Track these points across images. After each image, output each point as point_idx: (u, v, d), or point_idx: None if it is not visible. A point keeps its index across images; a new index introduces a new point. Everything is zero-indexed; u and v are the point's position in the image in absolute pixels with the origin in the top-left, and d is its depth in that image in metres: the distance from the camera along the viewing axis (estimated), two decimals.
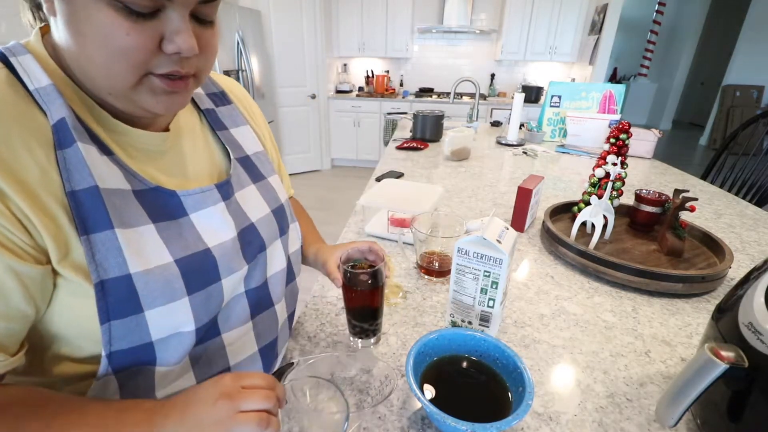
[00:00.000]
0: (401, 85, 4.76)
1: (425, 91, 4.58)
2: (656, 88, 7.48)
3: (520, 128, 2.08)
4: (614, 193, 0.95)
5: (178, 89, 0.39)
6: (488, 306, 0.57)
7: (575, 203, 1.01)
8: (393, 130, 4.10)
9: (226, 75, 0.62)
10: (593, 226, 0.87)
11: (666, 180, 1.51)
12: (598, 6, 3.80)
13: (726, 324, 0.42)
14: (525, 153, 1.84)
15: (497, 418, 0.40)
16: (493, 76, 4.52)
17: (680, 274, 0.71)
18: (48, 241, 0.34)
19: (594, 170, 0.94)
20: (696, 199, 0.85)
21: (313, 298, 0.71)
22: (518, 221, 0.98)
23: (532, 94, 4.03)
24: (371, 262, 0.59)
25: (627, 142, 0.93)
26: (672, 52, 7.13)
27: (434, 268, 0.77)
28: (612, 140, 0.94)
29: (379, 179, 1.39)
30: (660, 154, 3.02)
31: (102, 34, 0.33)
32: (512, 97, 1.96)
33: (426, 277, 0.78)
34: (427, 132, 2.04)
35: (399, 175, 1.45)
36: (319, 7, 3.88)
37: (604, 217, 0.87)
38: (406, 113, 3.68)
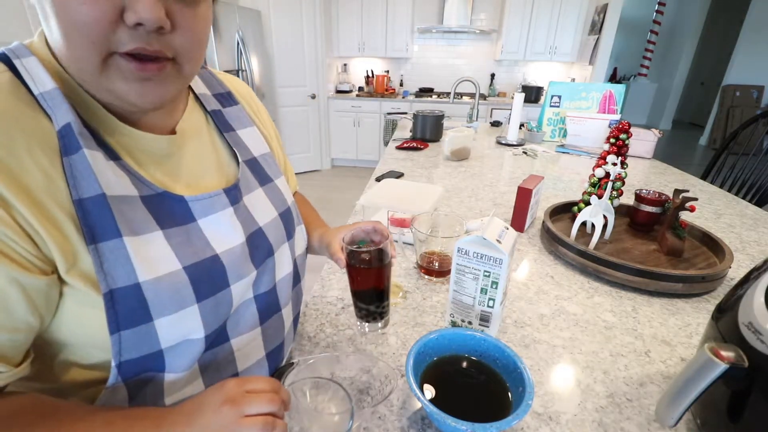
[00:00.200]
0: (401, 85, 4.76)
1: (425, 91, 4.58)
2: (656, 88, 7.48)
3: (520, 128, 2.08)
4: (614, 193, 0.95)
5: (150, 73, 0.35)
6: (488, 306, 0.57)
7: (575, 203, 1.01)
8: (393, 130, 4.10)
9: None
10: (593, 226, 0.87)
11: (666, 180, 1.51)
12: (598, 6, 3.80)
13: (726, 324, 0.42)
14: (525, 153, 1.84)
15: (497, 418, 0.40)
16: (493, 76, 4.52)
17: (680, 274, 0.71)
18: (54, 251, 0.33)
19: (594, 170, 0.94)
20: (696, 199, 0.85)
21: (313, 298, 0.71)
22: (518, 221, 0.98)
23: (532, 94, 4.03)
24: (376, 243, 0.58)
25: (627, 142, 0.93)
26: (672, 52, 7.13)
27: (434, 268, 0.77)
28: (612, 140, 0.94)
29: (379, 179, 1.39)
30: (660, 154, 3.02)
31: (58, 7, 0.31)
32: (512, 97, 1.96)
33: (426, 277, 0.78)
34: (427, 132, 2.04)
35: (399, 175, 1.45)
36: (319, 7, 3.88)
37: (604, 217, 0.87)
38: (406, 113, 3.68)
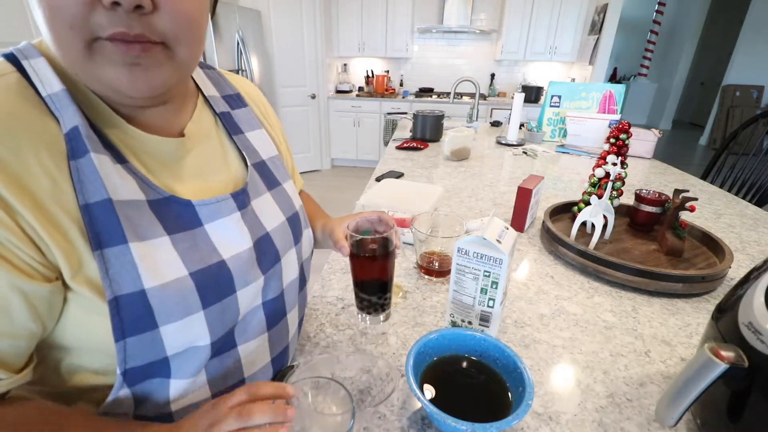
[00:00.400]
0: (401, 85, 4.76)
1: (425, 91, 4.58)
2: (656, 88, 7.48)
3: (520, 128, 2.08)
4: (614, 193, 0.95)
5: (135, 55, 0.33)
6: (488, 306, 0.57)
7: (575, 203, 1.01)
8: (393, 130, 4.10)
9: None
10: (593, 226, 0.87)
11: (666, 180, 1.51)
12: (598, 6, 3.80)
13: (726, 324, 0.42)
14: (525, 153, 1.84)
15: (497, 418, 0.40)
16: (493, 76, 4.52)
17: (680, 274, 0.71)
18: (59, 257, 0.33)
19: (594, 170, 0.94)
20: (696, 199, 0.85)
21: (313, 298, 0.71)
22: (518, 221, 0.98)
23: (532, 94, 4.04)
24: (381, 233, 0.57)
25: (627, 142, 0.93)
26: (672, 52, 7.13)
27: (434, 268, 0.77)
28: (612, 140, 0.94)
29: (379, 179, 1.39)
30: (660, 154, 3.03)
31: None
32: (512, 97, 1.96)
33: (426, 277, 0.78)
34: (427, 132, 2.04)
35: (399, 175, 1.45)
36: (319, 7, 3.88)
37: (604, 217, 0.87)
38: (406, 113, 3.69)
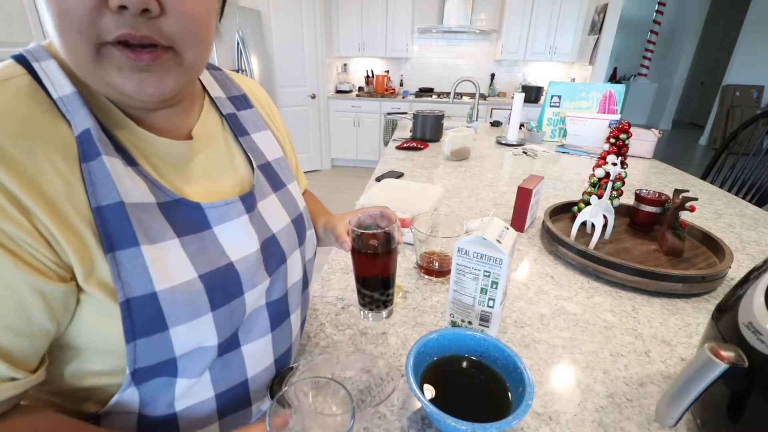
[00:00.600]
0: (401, 85, 4.76)
1: (425, 91, 4.58)
2: (656, 88, 7.48)
3: (520, 128, 2.08)
4: (614, 193, 0.95)
5: (144, 63, 0.33)
6: (488, 306, 0.57)
7: (575, 203, 1.01)
8: (393, 130, 4.10)
9: None
10: (593, 226, 0.87)
11: (666, 180, 1.51)
12: (598, 6, 3.80)
13: (726, 324, 0.42)
14: (525, 153, 1.84)
15: (497, 418, 0.40)
16: (493, 76, 4.52)
17: (680, 274, 0.71)
18: (73, 259, 0.33)
19: (594, 170, 0.94)
20: (696, 199, 0.85)
21: (313, 298, 0.71)
22: (518, 221, 0.98)
23: (532, 94, 4.04)
24: (383, 228, 0.57)
25: (627, 142, 0.93)
26: (672, 52, 7.13)
27: (434, 268, 0.77)
28: (612, 140, 0.94)
29: (379, 179, 1.39)
30: (660, 154, 3.02)
31: None
32: (512, 97, 1.96)
33: (426, 277, 0.78)
34: (427, 132, 2.04)
35: (399, 175, 1.45)
36: (319, 7, 3.88)
37: (604, 217, 0.87)
38: (406, 113, 3.68)
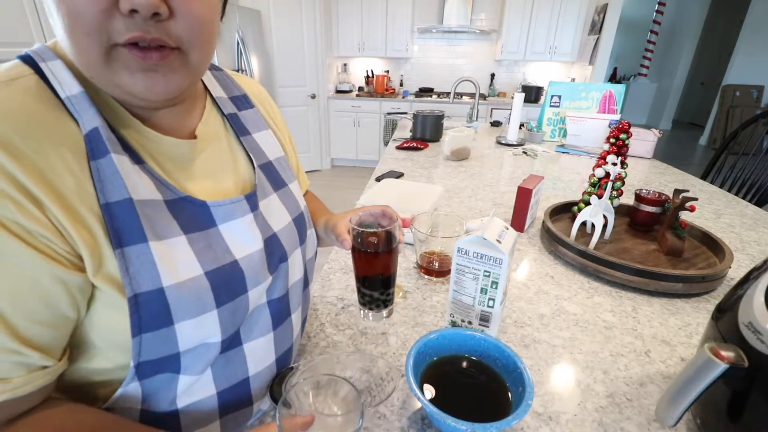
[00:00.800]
0: (401, 85, 4.76)
1: (425, 91, 4.58)
2: (656, 88, 7.48)
3: (520, 128, 2.08)
4: (614, 193, 0.95)
5: (153, 62, 0.34)
6: (488, 306, 0.57)
7: (575, 203, 1.01)
8: (393, 130, 4.10)
9: None
10: (593, 226, 0.87)
11: (666, 180, 1.51)
12: (598, 6, 3.80)
13: (726, 324, 0.42)
14: (525, 153, 1.84)
15: (497, 418, 0.40)
16: (493, 76, 4.52)
17: (680, 274, 0.71)
18: (84, 252, 0.33)
19: (594, 170, 0.94)
20: (696, 199, 0.85)
21: (314, 298, 0.71)
22: (518, 221, 0.98)
23: (532, 94, 4.04)
24: (385, 227, 0.56)
25: (627, 142, 0.93)
26: (672, 52, 7.13)
27: (434, 268, 0.77)
28: (612, 140, 0.94)
29: (379, 179, 1.39)
30: (660, 154, 3.03)
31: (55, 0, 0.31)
32: (512, 97, 1.96)
33: (426, 277, 0.78)
34: (427, 132, 2.04)
35: (399, 175, 1.45)
36: (319, 7, 3.88)
37: (604, 217, 0.87)
38: (406, 113, 3.69)
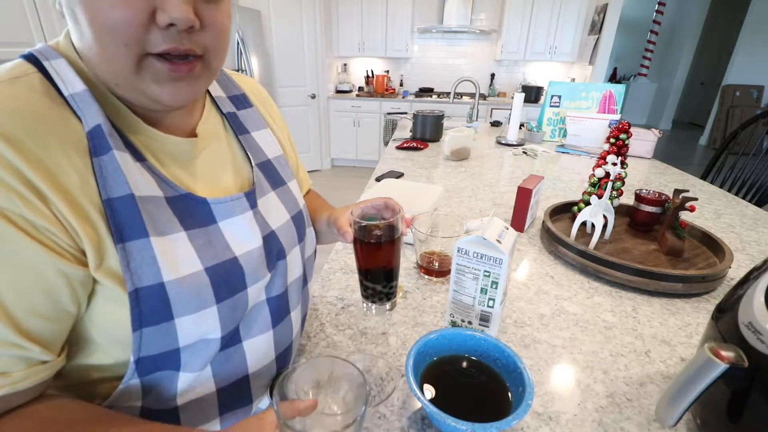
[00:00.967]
0: (401, 85, 4.76)
1: (425, 91, 4.58)
2: (656, 88, 7.48)
3: (520, 128, 2.08)
4: (614, 193, 0.95)
5: (182, 74, 0.36)
6: (488, 306, 0.57)
7: (575, 203, 1.01)
8: (393, 130, 4.10)
9: None
10: (593, 226, 0.87)
11: (666, 180, 1.51)
12: (598, 6, 3.80)
13: (726, 324, 0.42)
14: (525, 153, 1.84)
15: (497, 418, 0.40)
16: (493, 76, 4.52)
17: (680, 274, 0.71)
18: (87, 248, 0.34)
19: (594, 170, 0.94)
20: (696, 199, 0.85)
21: (313, 298, 0.71)
22: (518, 221, 0.98)
23: (532, 94, 4.04)
24: (387, 220, 0.56)
25: (627, 141, 0.93)
26: (672, 52, 7.13)
27: (434, 268, 0.77)
28: (612, 140, 0.94)
29: (379, 179, 1.39)
30: (660, 154, 3.03)
31: (90, 12, 0.32)
32: (512, 97, 1.96)
33: (426, 277, 0.78)
34: (427, 132, 2.04)
35: (399, 175, 1.45)
36: (319, 7, 3.88)
37: (604, 217, 0.87)
38: (406, 113, 3.69)
